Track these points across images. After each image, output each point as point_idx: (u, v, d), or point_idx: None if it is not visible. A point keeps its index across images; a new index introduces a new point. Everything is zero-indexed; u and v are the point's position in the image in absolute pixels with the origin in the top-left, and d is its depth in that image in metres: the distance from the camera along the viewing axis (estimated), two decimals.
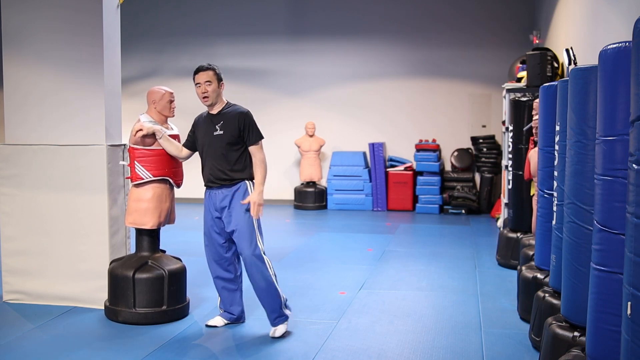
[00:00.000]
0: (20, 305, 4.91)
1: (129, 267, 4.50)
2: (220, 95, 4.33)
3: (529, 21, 10.66)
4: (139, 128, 4.41)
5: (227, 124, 4.24)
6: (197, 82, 4.27)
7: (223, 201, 4.25)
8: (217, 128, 4.25)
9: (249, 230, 4.19)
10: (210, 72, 4.26)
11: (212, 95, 4.26)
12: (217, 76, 4.29)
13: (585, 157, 3.22)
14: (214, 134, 4.25)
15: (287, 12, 11.65)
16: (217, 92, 4.29)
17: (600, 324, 2.66)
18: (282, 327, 4.28)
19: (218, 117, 4.30)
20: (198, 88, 4.27)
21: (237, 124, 4.22)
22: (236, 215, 4.21)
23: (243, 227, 4.19)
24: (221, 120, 4.27)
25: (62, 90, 4.91)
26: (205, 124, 4.34)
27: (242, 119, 4.24)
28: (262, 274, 4.18)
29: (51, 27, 4.90)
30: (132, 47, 11.38)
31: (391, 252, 7.34)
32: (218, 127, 4.25)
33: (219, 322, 4.46)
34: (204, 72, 4.26)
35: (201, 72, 4.26)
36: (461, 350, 4.10)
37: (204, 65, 4.31)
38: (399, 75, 11.35)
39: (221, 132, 4.24)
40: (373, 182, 11.07)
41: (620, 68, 2.51)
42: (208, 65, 4.31)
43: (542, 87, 4.50)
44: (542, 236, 4.42)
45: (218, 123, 4.27)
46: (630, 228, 2.18)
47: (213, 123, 4.29)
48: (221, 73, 4.34)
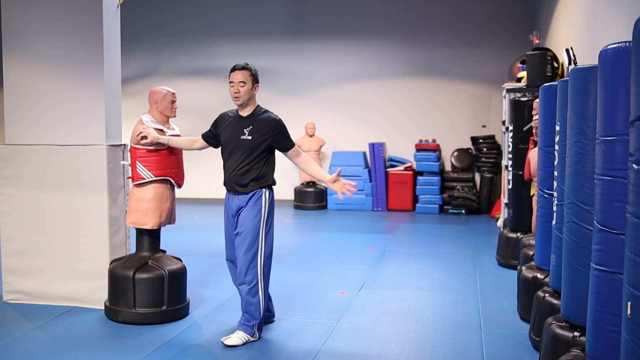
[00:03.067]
0: (20, 305, 4.91)
1: (129, 267, 4.50)
2: (253, 97, 4.20)
3: (529, 21, 10.66)
4: (144, 134, 4.37)
5: (257, 130, 4.12)
6: (230, 81, 4.15)
7: (239, 205, 4.16)
8: (246, 132, 4.13)
9: (253, 235, 4.10)
10: (246, 72, 4.14)
11: (244, 96, 4.14)
12: (252, 77, 4.16)
13: (585, 157, 3.22)
14: (241, 137, 4.13)
15: (287, 12, 11.65)
16: (250, 94, 4.16)
17: (600, 324, 2.66)
18: (237, 337, 4.09)
19: (248, 120, 4.18)
20: (231, 87, 4.16)
21: (268, 132, 4.11)
22: (243, 220, 4.12)
23: (247, 232, 4.10)
24: (250, 125, 4.15)
25: (62, 90, 4.91)
26: (234, 124, 4.22)
27: (274, 126, 4.13)
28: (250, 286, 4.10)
29: (51, 27, 4.90)
30: (132, 47, 11.38)
31: (391, 252, 7.34)
32: (246, 131, 4.13)
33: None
34: (239, 72, 4.13)
35: (237, 71, 4.14)
36: (461, 350, 4.10)
37: (240, 64, 4.17)
38: (399, 75, 11.35)
39: (249, 137, 4.11)
40: (373, 182, 11.07)
41: (620, 68, 2.51)
42: (245, 64, 4.17)
43: (542, 87, 4.50)
44: (542, 236, 4.42)
45: (247, 127, 4.15)
46: (630, 228, 2.18)
47: (242, 126, 4.17)
48: (257, 75, 4.21)
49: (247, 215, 4.11)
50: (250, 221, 4.10)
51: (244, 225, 4.11)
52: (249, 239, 4.09)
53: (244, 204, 4.13)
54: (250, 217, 4.10)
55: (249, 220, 4.10)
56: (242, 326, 4.16)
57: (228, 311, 4.85)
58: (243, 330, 4.14)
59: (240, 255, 4.10)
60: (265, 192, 4.15)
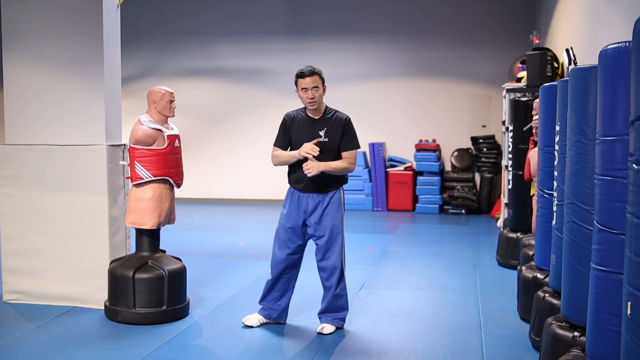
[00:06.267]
0: (20, 305, 4.91)
1: (129, 267, 4.50)
2: (322, 100, 4.26)
3: (529, 21, 10.66)
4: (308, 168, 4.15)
5: (331, 131, 4.19)
6: (303, 87, 4.16)
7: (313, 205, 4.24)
8: (321, 135, 4.18)
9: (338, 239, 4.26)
10: (316, 77, 4.17)
11: (319, 100, 4.19)
12: (322, 80, 4.21)
13: (585, 157, 3.22)
14: (320, 140, 4.18)
15: (287, 12, 11.65)
16: (322, 97, 4.23)
17: (600, 324, 2.66)
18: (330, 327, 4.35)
19: (321, 122, 4.22)
20: (304, 92, 4.16)
21: (341, 130, 4.18)
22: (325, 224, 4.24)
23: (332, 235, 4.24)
24: (324, 127, 4.19)
25: (62, 90, 4.91)
26: (306, 126, 4.24)
27: (345, 125, 4.20)
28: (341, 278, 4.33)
29: (51, 27, 4.90)
30: (132, 47, 11.38)
31: (391, 252, 7.34)
32: (322, 134, 4.18)
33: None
34: (310, 77, 4.15)
35: (307, 77, 4.15)
36: (461, 350, 4.10)
37: (307, 69, 4.18)
38: (399, 75, 11.35)
39: (326, 140, 4.18)
40: (373, 182, 11.07)
41: (620, 68, 2.51)
42: (313, 69, 4.20)
43: (542, 87, 4.50)
44: (542, 236, 4.42)
45: (321, 129, 4.19)
46: (630, 228, 2.18)
47: (315, 128, 4.21)
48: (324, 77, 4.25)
49: (331, 216, 4.24)
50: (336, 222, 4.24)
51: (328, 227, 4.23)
52: (339, 239, 4.26)
53: (325, 204, 4.23)
54: (336, 218, 4.25)
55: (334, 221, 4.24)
56: (334, 321, 4.36)
57: (228, 311, 4.85)
58: (334, 324, 4.36)
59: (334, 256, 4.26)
60: (341, 191, 4.32)
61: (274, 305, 4.44)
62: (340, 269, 4.32)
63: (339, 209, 4.28)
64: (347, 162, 4.21)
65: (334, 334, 4.34)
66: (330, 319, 4.37)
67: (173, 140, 4.62)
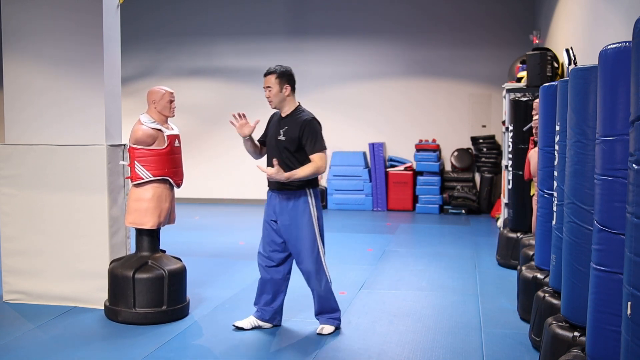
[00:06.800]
0: (20, 305, 4.91)
1: (129, 267, 4.50)
2: (285, 99, 4.20)
3: (529, 21, 10.66)
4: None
5: (290, 131, 4.16)
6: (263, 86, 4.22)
7: (280, 206, 4.22)
8: (281, 133, 4.18)
9: (310, 241, 4.19)
10: (270, 77, 4.18)
11: (274, 99, 4.18)
12: (278, 80, 4.16)
13: (585, 157, 3.22)
14: (278, 138, 4.19)
15: (287, 12, 11.65)
16: (280, 96, 4.18)
17: (600, 324, 2.66)
18: (329, 328, 4.34)
19: (284, 121, 4.22)
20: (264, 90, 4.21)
21: (298, 132, 4.13)
22: (292, 229, 4.20)
23: (299, 240, 4.19)
24: (286, 126, 4.19)
25: (62, 90, 4.91)
26: (275, 124, 4.29)
27: (303, 126, 4.13)
28: (319, 281, 4.25)
29: (51, 27, 4.90)
30: (132, 46, 11.38)
31: (391, 252, 7.34)
32: (282, 132, 4.18)
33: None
34: (265, 77, 4.19)
35: (264, 77, 4.19)
36: (461, 350, 4.10)
37: (267, 70, 4.21)
38: (399, 75, 11.35)
39: (283, 138, 4.17)
40: (373, 182, 11.07)
41: (620, 68, 2.51)
42: (270, 69, 4.20)
43: (542, 87, 4.50)
44: (542, 236, 4.42)
45: (283, 128, 4.20)
46: (630, 228, 2.18)
47: (279, 126, 4.23)
48: (288, 75, 4.19)
49: (297, 221, 4.18)
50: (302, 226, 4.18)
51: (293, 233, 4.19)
52: (306, 243, 4.19)
53: (290, 208, 4.19)
54: (302, 222, 4.18)
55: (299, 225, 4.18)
56: (329, 321, 4.34)
57: (228, 311, 4.85)
58: (330, 324, 4.34)
59: (306, 261, 4.20)
60: (309, 193, 4.22)
61: (266, 307, 4.40)
62: (316, 273, 4.23)
63: (304, 213, 4.19)
64: (313, 166, 4.12)
65: (333, 334, 4.33)
66: (326, 319, 4.37)
67: (173, 140, 4.62)
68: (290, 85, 4.21)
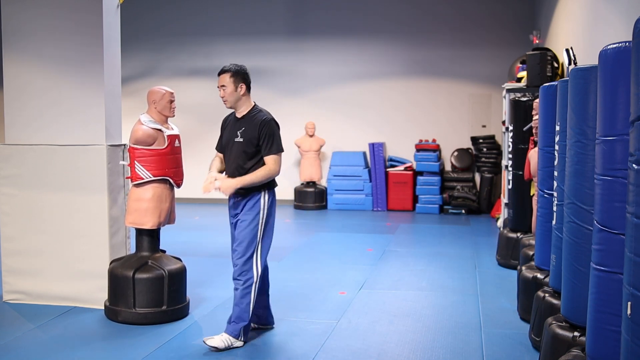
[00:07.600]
0: (20, 305, 4.91)
1: (129, 267, 4.50)
2: (241, 99, 4.08)
3: (529, 21, 10.66)
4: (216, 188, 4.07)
5: (247, 132, 4.03)
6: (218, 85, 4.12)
7: (236, 209, 4.13)
8: (239, 134, 4.05)
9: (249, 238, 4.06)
10: (224, 75, 4.04)
11: (229, 99, 4.07)
12: (233, 79, 4.03)
13: (585, 157, 3.22)
14: (235, 140, 4.06)
15: (287, 12, 11.65)
16: (235, 95, 4.06)
17: (600, 324, 2.66)
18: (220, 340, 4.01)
19: (241, 122, 4.09)
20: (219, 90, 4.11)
21: (257, 133, 4.00)
22: (240, 222, 4.09)
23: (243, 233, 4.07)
24: (243, 127, 4.06)
25: (62, 90, 4.91)
26: (231, 127, 4.15)
27: (261, 127, 4.00)
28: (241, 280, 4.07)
29: (51, 27, 4.90)
30: (132, 46, 11.38)
31: (391, 252, 7.34)
32: (239, 134, 4.04)
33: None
34: (219, 76, 4.06)
35: (218, 76, 4.07)
36: (461, 350, 4.10)
37: (222, 68, 4.09)
38: (399, 75, 11.35)
39: (241, 140, 4.04)
40: (373, 182, 11.07)
41: (620, 68, 2.51)
42: (225, 67, 4.08)
43: (542, 87, 4.50)
44: (542, 236, 4.42)
45: (240, 129, 4.06)
46: (630, 228, 2.18)
47: (236, 128, 4.09)
48: (243, 73, 4.07)
49: (244, 223, 4.06)
50: (246, 226, 4.05)
51: (239, 229, 4.08)
52: (243, 245, 4.05)
53: (241, 208, 4.08)
54: (248, 225, 4.05)
55: (245, 224, 4.05)
56: (230, 326, 4.08)
57: (228, 311, 4.84)
58: (229, 332, 4.06)
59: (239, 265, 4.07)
60: (264, 195, 4.07)
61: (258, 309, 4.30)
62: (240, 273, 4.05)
63: (252, 211, 4.05)
64: (265, 170, 3.99)
65: (333, 334, 4.33)
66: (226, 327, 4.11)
67: (173, 140, 4.63)
68: (245, 84, 4.08)
